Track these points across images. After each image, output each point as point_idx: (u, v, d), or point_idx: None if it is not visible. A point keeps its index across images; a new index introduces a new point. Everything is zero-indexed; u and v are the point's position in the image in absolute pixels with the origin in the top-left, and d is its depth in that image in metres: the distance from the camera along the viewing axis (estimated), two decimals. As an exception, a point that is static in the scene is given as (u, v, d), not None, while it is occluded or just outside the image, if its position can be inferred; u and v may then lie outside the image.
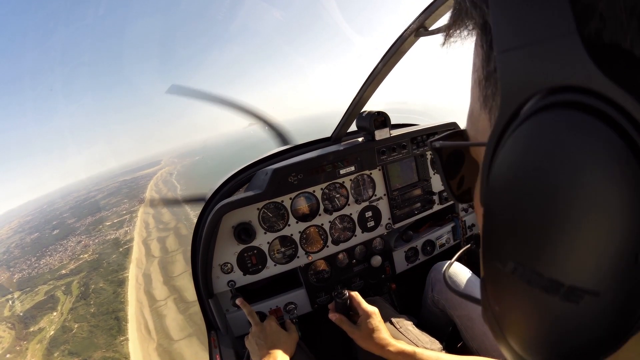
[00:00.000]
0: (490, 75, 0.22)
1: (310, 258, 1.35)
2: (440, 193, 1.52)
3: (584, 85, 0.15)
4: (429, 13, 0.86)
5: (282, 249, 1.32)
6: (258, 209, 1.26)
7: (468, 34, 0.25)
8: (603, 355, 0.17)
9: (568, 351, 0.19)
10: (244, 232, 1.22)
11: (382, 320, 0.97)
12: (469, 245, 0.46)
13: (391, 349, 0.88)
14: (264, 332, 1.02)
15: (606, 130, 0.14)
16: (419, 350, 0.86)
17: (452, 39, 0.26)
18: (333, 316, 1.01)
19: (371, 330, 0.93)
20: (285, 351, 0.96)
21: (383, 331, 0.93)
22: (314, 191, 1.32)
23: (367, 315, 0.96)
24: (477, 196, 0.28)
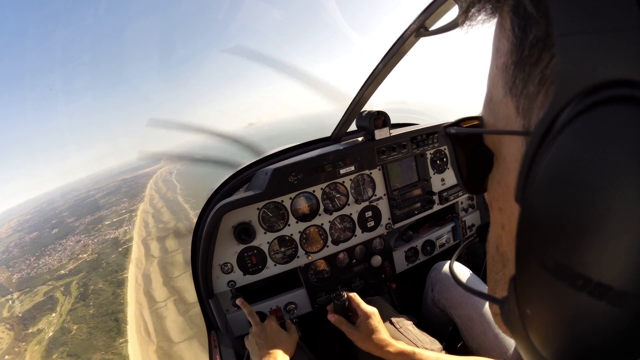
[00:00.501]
0: (522, 61, 0.21)
1: (310, 258, 1.35)
2: (440, 193, 1.52)
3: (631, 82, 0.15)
4: (429, 13, 0.85)
5: (282, 249, 1.32)
6: (258, 208, 1.26)
7: (491, 15, 0.23)
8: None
9: (604, 353, 0.18)
10: (244, 232, 1.22)
11: (381, 321, 0.97)
12: (471, 238, 0.45)
13: (390, 349, 0.89)
14: (264, 332, 1.02)
15: None
16: (419, 351, 0.87)
17: (471, 22, 0.25)
18: (332, 317, 1.01)
19: (370, 331, 0.93)
20: (285, 351, 0.96)
21: (382, 332, 0.93)
22: (314, 191, 1.32)
23: (367, 316, 0.96)
24: (495, 188, 0.27)
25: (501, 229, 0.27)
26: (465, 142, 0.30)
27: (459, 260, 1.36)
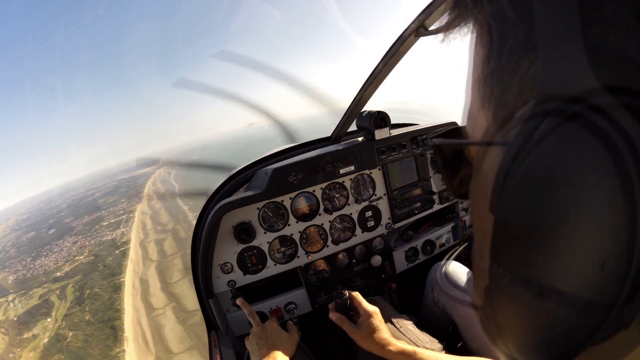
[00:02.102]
0: (489, 76, 0.21)
1: (310, 258, 1.35)
2: (440, 193, 1.53)
3: (584, 98, 0.15)
4: (428, 13, 0.86)
5: (282, 249, 1.31)
6: (258, 208, 1.25)
7: (468, 31, 0.24)
8: (583, 348, 0.18)
9: (551, 347, 0.20)
10: (244, 232, 1.22)
11: (382, 320, 0.97)
12: (466, 244, 0.45)
13: (392, 348, 0.88)
14: (264, 332, 1.01)
15: (600, 146, 0.15)
16: (419, 350, 0.87)
17: (452, 36, 0.26)
18: (333, 316, 1.01)
19: (372, 330, 0.93)
20: (285, 352, 0.96)
21: (384, 331, 0.93)
22: (313, 191, 1.32)
23: (368, 315, 0.96)
24: (476, 197, 0.27)
25: (483, 237, 0.27)
26: (449, 151, 0.32)
27: (459, 260, 1.36)
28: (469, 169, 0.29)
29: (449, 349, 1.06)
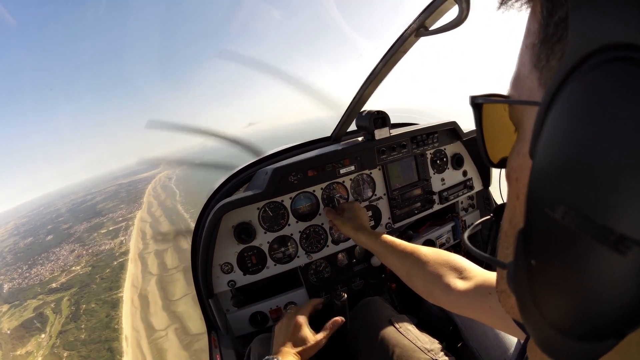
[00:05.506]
0: (547, 39, 0.23)
1: (310, 258, 1.34)
2: (440, 193, 1.53)
3: (633, 43, 0.16)
4: (429, 13, 0.87)
5: (282, 249, 1.31)
6: (258, 208, 1.26)
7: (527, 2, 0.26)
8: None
9: (607, 314, 0.18)
10: (244, 232, 1.22)
11: (362, 209, 1.23)
12: (488, 217, 0.47)
13: (362, 235, 1.06)
14: (297, 329, 0.98)
15: None
16: (383, 235, 1.02)
17: (507, 6, 0.27)
18: (324, 210, 1.30)
19: (348, 218, 1.17)
20: (299, 354, 0.92)
21: (360, 219, 1.16)
22: (313, 191, 1.32)
23: (349, 206, 1.22)
24: (514, 160, 0.29)
25: (516, 199, 0.28)
26: (489, 114, 0.33)
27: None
28: (505, 136, 0.31)
29: (449, 349, 1.05)
